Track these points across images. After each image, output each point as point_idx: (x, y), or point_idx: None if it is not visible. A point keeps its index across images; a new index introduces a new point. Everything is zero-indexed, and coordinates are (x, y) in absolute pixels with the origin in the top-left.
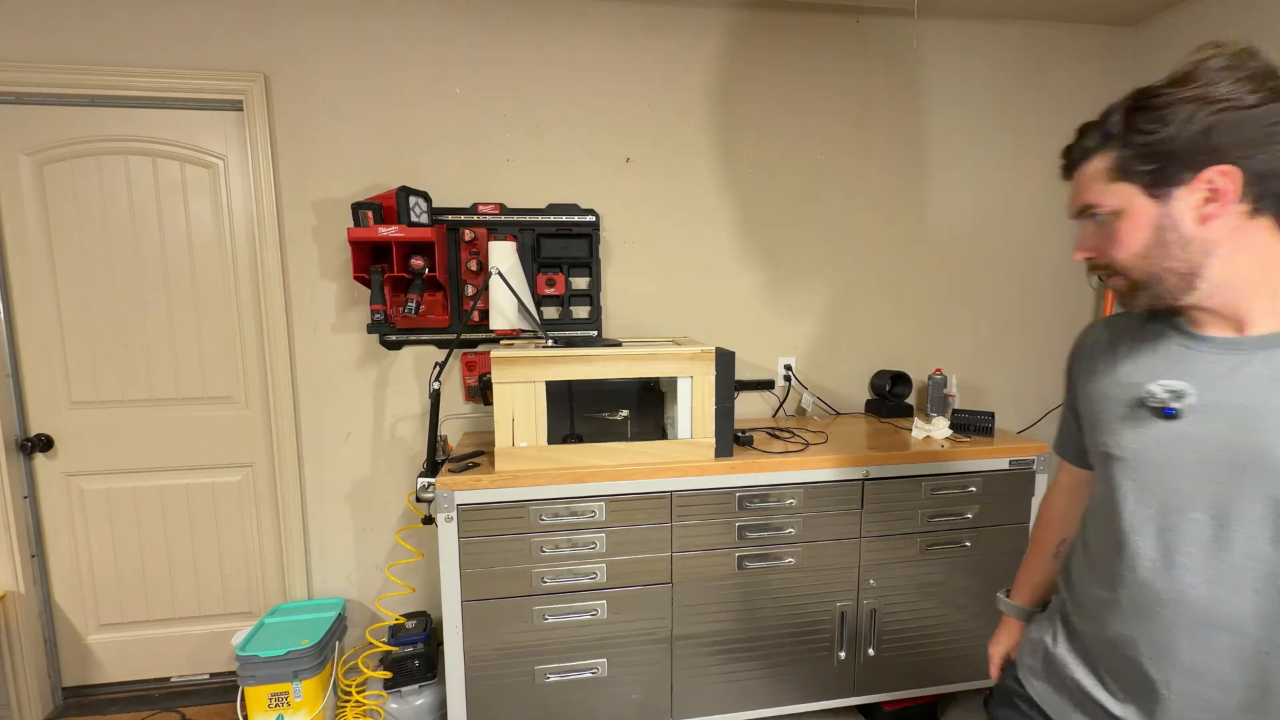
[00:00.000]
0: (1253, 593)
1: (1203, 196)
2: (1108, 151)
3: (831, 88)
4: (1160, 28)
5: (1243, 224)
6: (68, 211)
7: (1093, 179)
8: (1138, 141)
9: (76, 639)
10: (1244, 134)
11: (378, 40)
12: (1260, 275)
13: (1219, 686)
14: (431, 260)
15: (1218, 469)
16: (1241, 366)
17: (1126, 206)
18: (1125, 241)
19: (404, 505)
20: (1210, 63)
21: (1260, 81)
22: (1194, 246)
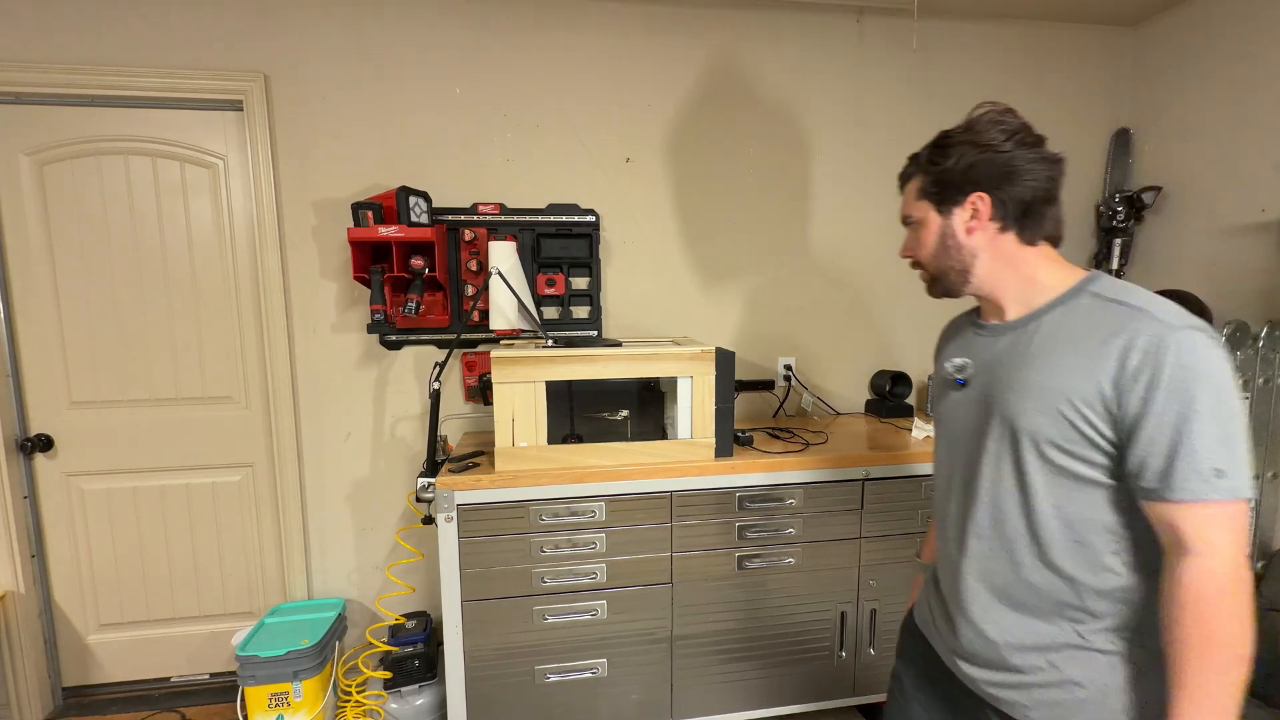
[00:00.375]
0: (989, 502)
1: (969, 214)
2: (917, 176)
3: (832, 87)
4: (1160, 28)
5: (996, 237)
6: (68, 211)
7: (909, 195)
8: (932, 170)
9: (76, 639)
10: (996, 170)
11: (378, 40)
12: (1010, 275)
13: (971, 576)
14: (431, 260)
15: (979, 414)
16: (997, 343)
17: (925, 218)
18: (924, 244)
19: (404, 505)
20: (984, 117)
21: (1013, 133)
22: (965, 251)
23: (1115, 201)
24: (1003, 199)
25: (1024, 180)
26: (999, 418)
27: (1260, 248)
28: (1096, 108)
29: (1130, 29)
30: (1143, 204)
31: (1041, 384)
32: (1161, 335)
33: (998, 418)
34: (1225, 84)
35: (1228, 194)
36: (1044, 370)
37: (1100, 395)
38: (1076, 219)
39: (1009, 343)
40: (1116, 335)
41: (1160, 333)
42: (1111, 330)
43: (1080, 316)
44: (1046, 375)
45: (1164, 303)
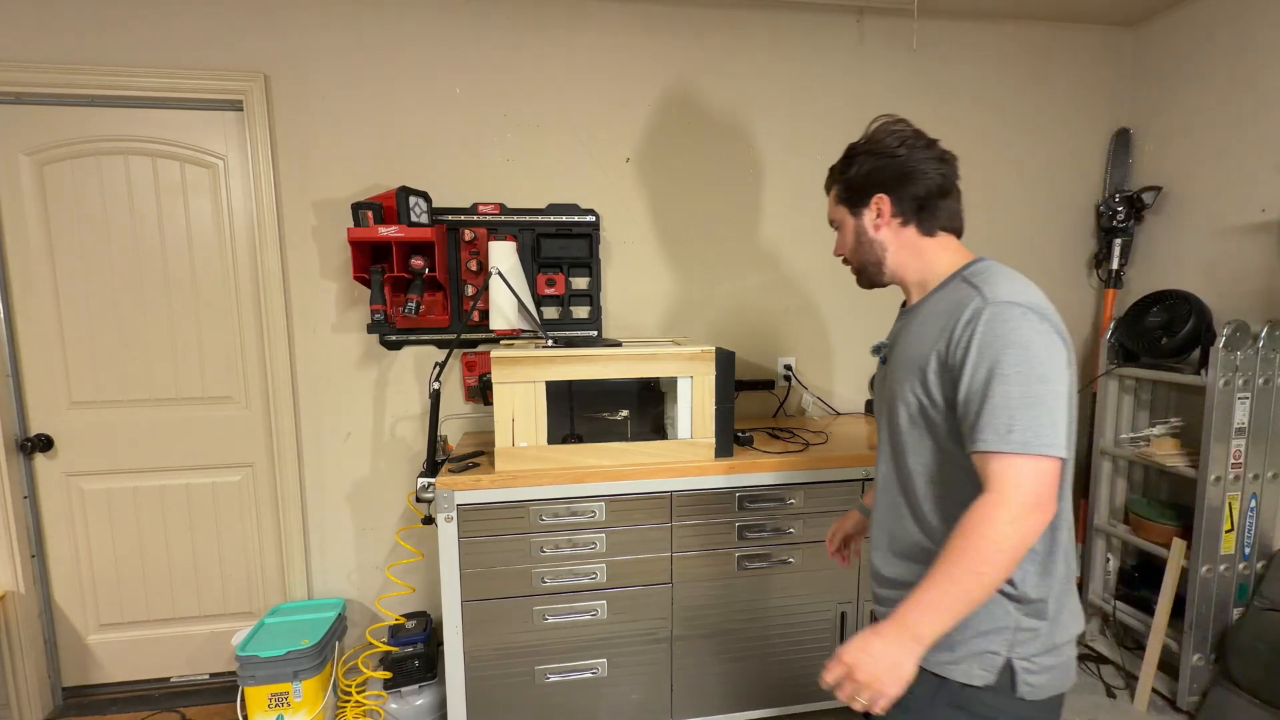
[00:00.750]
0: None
1: (875, 213)
2: (834, 185)
3: (831, 87)
4: (1160, 28)
5: (899, 230)
6: (68, 211)
7: (830, 202)
8: (843, 179)
9: (76, 639)
10: (892, 173)
11: (378, 40)
12: (913, 263)
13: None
14: (431, 260)
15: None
16: (901, 323)
17: (843, 220)
18: (846, 243)
19: (404, 505)
20: (880, 128)
21: (905, 140)
22: (876, 245)
23: (1115, 201)
24: (900, 197)
25: (917, 180)
26: (889, 389)
27: (1260, 248)
28: (1096, 108)
29: (1130, 29)
30: (1143, 204)
31: (909, 355)
32: (982, 307)
33: (889, 389)
34: (1225, 84)
35: (1228, 194)
36: (911, 344)
37: (939, 357)
38: (1076, 219)
39: (905, 322)
40: (958, 309)
41: (982, 305)
42: (957, 305)
43: (947, 296)
44: (912, 347)
45: (1003, 284)
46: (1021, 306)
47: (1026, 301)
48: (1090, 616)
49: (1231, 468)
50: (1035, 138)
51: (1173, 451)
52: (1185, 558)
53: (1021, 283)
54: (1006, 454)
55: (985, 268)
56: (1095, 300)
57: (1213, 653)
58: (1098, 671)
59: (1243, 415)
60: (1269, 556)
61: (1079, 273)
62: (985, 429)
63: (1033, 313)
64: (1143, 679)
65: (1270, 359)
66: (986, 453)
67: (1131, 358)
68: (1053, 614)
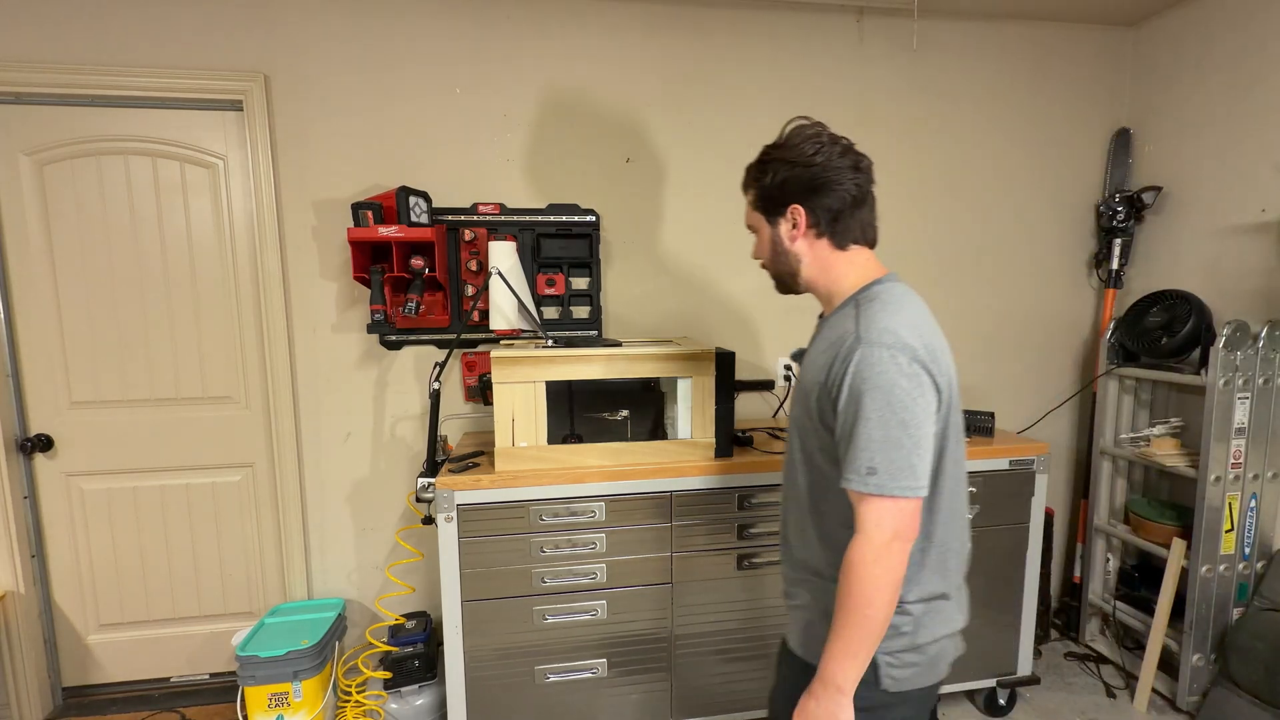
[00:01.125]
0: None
1: (790, 224)
2: (750, 190)
3: (832, 87)
4: (1160, 28)
5: (814, 242)
6: (68, 211)
7: (747, 207)
8: (757, 186)
9: (76, 639)
10: (807, 183)
11: (378, 40)
12: (823, 278)
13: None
14: (431, 260)
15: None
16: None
17: (760, 227)
18: (763, 250)
19: (404, 505)
20: (797, 132)
21: (821, 146)
22: (791, 256)
23: (1115, 201)
24: (815, 209)
25: (833, 190)
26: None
27: (1260, 248)
28: (1096, 108)
29: (1130, 29)
30: (1143, 204)
31: (805, 379)
32: (854, 347)
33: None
34: (1225, 84)
35: (1228, 194)
36: (808, 368)
37: (824, 391)
38: (1076, 219)
39: (816, 334)
40: (839, 341)
41: (855, 344)
42: (840, 337)
43: (839, 323)
44: (807, 372)
45: (881, 318)
46: (891, 348)
47: (896, 341)
48: (1090, 616)
49: (1231, 468)
50: (1035, 138)
51: (1173, 451)
52: (1185, 558)
53: (901, 316)
54: (866, 494)
55: (877, 293)
56: (1095, 300)
57: (1213, 653)
58: (1098, 671)
59: (1243, 415)
60: (1269, 556)
61: (1079, 273)
62: (850, 468)
63: (901, 354)
64: (1143, 679)
65: (1270, 359)
66: (852, 491)
67: (1131, 358)
68: (918, 616)
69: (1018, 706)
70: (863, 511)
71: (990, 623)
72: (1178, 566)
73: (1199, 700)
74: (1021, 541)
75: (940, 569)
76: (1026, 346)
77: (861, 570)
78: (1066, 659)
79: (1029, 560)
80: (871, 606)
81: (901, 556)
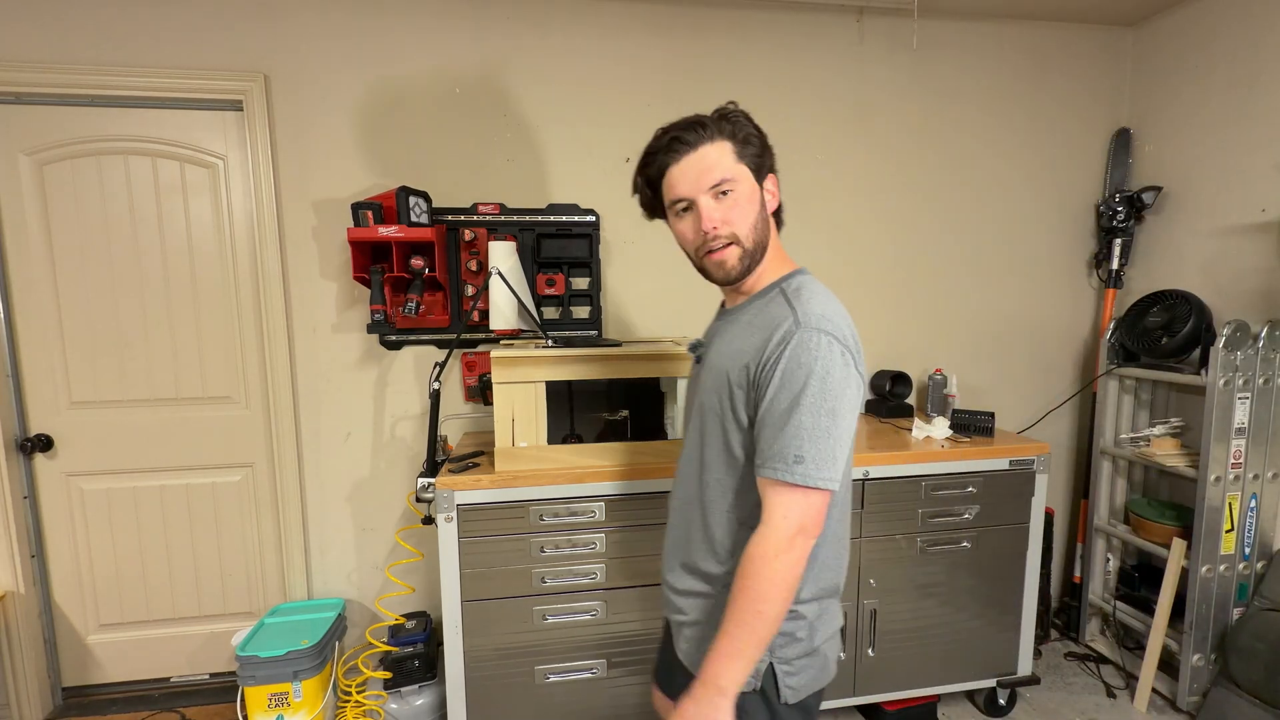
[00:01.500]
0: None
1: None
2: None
3: (832, 87)
4: (1160, 28)
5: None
6: (68, 211)
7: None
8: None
9: (76, 639)
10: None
11: (378, 40)
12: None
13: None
14: (431, 260)
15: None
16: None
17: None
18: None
19: (404, 505)
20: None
21: None
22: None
23: (1115, 201)
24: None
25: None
26: (699, 392)
27: (1260, 248)
28: (1096, 108)
29: (1130, 29)
30: (1143, 204)
31: (723, 364)
32: (794, 330)
33: (699, 392)
34: (1225, 84)
35: (1228, 194)
36: (728, 352)
37: (748, 373)
38: (1076, 219)
39: (723, 326)
40: (772, 326)
41: (794, 328)
42: (772, 321)
43: (765, 308)
44: (728, 356)
45: (815, 305)
46: (829, 335)
47: (834, 330)
48: (1090, 616)
49: (1231, 468)
50: (1035, 137)
51: (1173, 451)
52: (1185, 558)
53: (833, 305)
54: (785, 484)
55: (803, 283)
56: (1095, 300)
57: (1213, 653)
58: (1098, 671)
59: (1243, 415)
60: (1269, 556)
61: (1079, 273)
62: (774, 456)
63: (837, 342)
64: (1143, 679)
65: (1270, 359)
66: (771, 480)
67: (1131, 358)
68: (811, 620)
69: (1018, 706)
70: (775, 502)
71: (990, 623)
72: (1178, 566)
73: (1199, 700)
74: (1021, 541)
75: (836, 562)
76: (1026, 346)
77: (762, 565)
78: (1067, 659)
79: (1029, 560)
80: (766, 602)
81: (804, 553)
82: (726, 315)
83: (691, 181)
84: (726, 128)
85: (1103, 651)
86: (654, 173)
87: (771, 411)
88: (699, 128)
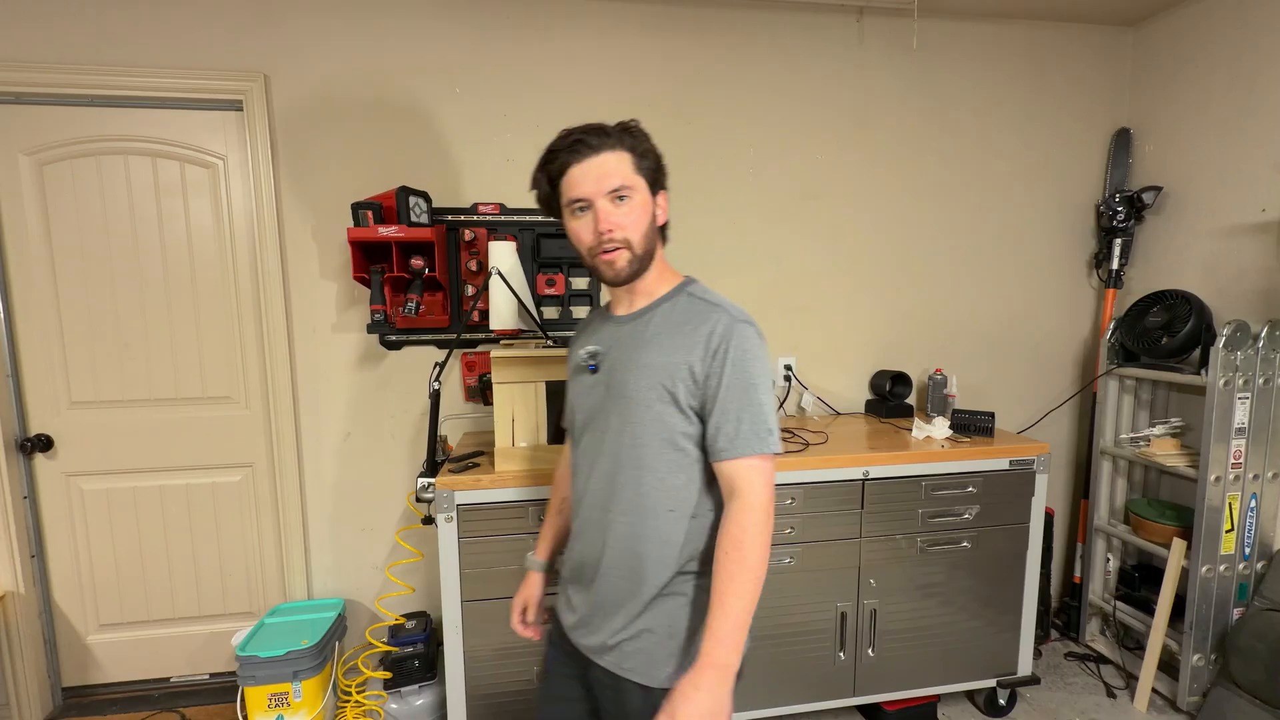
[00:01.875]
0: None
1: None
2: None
3: (832, 87)
4: (1160, 28)
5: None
6: (68, 211)
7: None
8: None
9: (76, 639)
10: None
11: (377, 40)
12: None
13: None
14: (431, 260)
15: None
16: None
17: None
18: (640, 220)
19: (404, 505)
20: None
21: None
22: (656, 237)
23: (1115, 201)
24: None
25: None
26: (621, 396)
27: (1260, 248)
28: (1096, 108)
29: (1130, 29)
30: (1143, 204)
31: (652, 363)
32: (730, 324)
33: (619, 396)
34: (1225, 83)
35: (1228, 194)
36: (654, 352)
37: (691, 370)
38: (1076, 219)
39: (631, 331)
40: (703, 324)
41: (730, 322)
42: (701, 321)
43: (681, 311)
44: (655, 356)
45: (731, 305)
46: (754, 327)
47: (754, 321)
48: (1090, 616)
49: (1231, 468)
50: (1035, 137)
51: (1173, 451)
52: (1185, 558)
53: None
54: (758, 456)
55: (704, 288)
56: (1095, 300)
57: (1213, 653)
58: (1098, 671)
59: (1243, 415)
60: (1269, 556)
61: (1079, 273)
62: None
63: (759, 334)
64: (1143, 679)
65: (1270, 359)
66: (745, 456)
67: (1131, 358)
68: None
69: (1018, 706)
70: (750, 476)
71: (990, 623)
72: (1178, 566)
73: (1199, 700)
74: (1022, 541)
75: None
76: (1026, 346)
77: (753, 534)
78: (1067, 659)
79: (1029, 560)
80: (759, 568)
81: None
82: (624, 322)
83: (592, 183)
84: (628, 140)
85: (1103, 651)
86: (555, 170)
87: (730, 398)
88: (603, 134)
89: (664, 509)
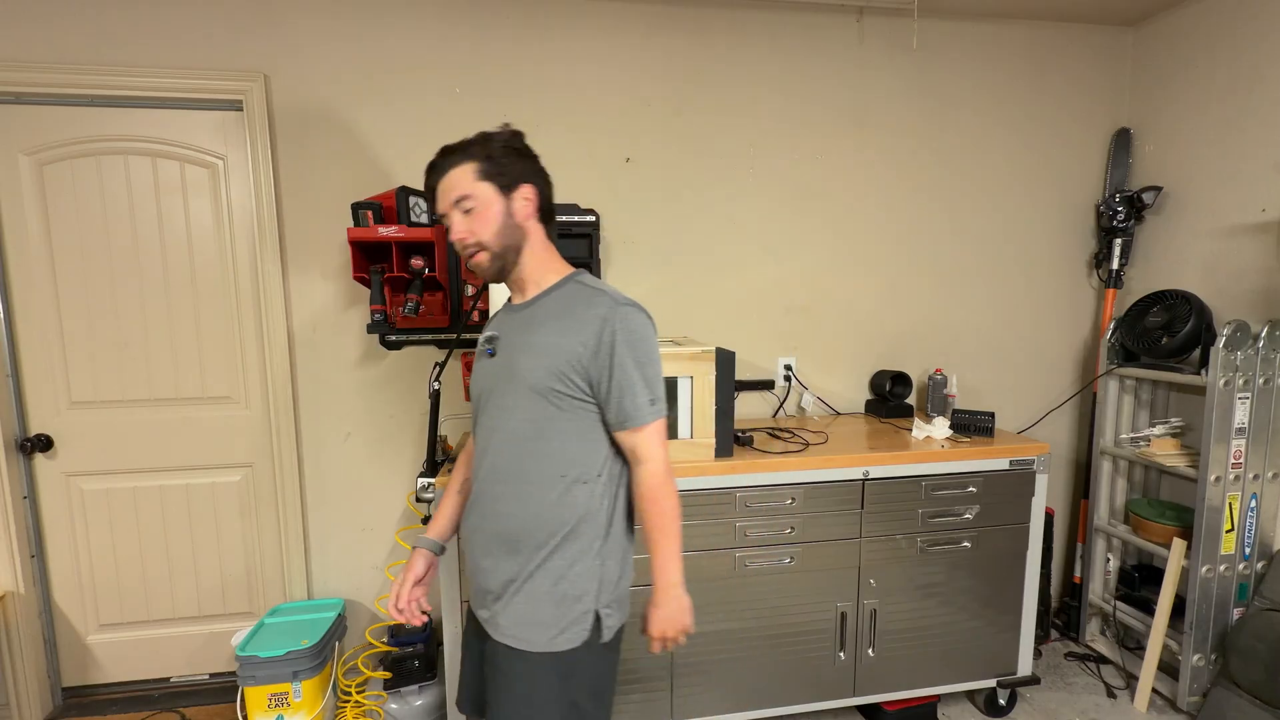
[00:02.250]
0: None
1: (523, 201)
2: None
3: (831, 87)
4: (1160, 28)
5: (536, 225)
6: (68, 211)
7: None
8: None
9: (76, 639)
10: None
11: (378, 40)
12: (537, 259)
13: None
14: (431, 260)
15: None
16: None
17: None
18: (489, 223)
19: (404, 505)
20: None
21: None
22: (520, 232)
23: (1115, 201)
24: (540, 195)
25: (549, 187)
26: (515, 377)
27: (1260, 248)
28: (1096, 108)
29: (1130, 29)
30: (1143, 204)
31: (544, 345)
32: (614, 307)
33: (515, 378)
34: (1225, 84)
35: (1228, 194)
36: (544, 334)
37: (581, 349)
38: (1076, 219)
39: (524, 317)
40: (590, 309)
41: (614, 305)
42: (588, 306)
43: (569, 297)
44: (545, 337)
45: (615, 290)
46: (642, 310)
47: (639, 304)
48: (1090, 616)
49: (1231, 468)
50: (1035, 137)
51: (1173, 451)
52: (1185, 558)
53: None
54: (651, 423)
55: (591, 277)
56: (1095, 300)
57: (1213, 653)
58: (1098, 671)
59: (1243, 415)
60: (1269, 556)
61: (1079, 273)
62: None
63: (643, 312)
64: (1143, 679)
65: (1270, 359)
66: (640, 427)
67: (1131, 358)
68: (620, 557)
69: (1018, 706)
70: (648, 441)
71: (990, 623)
72: (1178, 566)
73: (1199, 701)
74: (1022, 541)
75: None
76: (1026, 346)
77: (663, 485)
78: (1067, 659)
79: (1029, 560)
80: (676, 509)
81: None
82: (518, 310)
83: (443, 199)
84: (474, 149)
85: (1103, 651)
86: (429, 194)
87: (621, 375)
88: (450, 153)
89: (555, 477)
